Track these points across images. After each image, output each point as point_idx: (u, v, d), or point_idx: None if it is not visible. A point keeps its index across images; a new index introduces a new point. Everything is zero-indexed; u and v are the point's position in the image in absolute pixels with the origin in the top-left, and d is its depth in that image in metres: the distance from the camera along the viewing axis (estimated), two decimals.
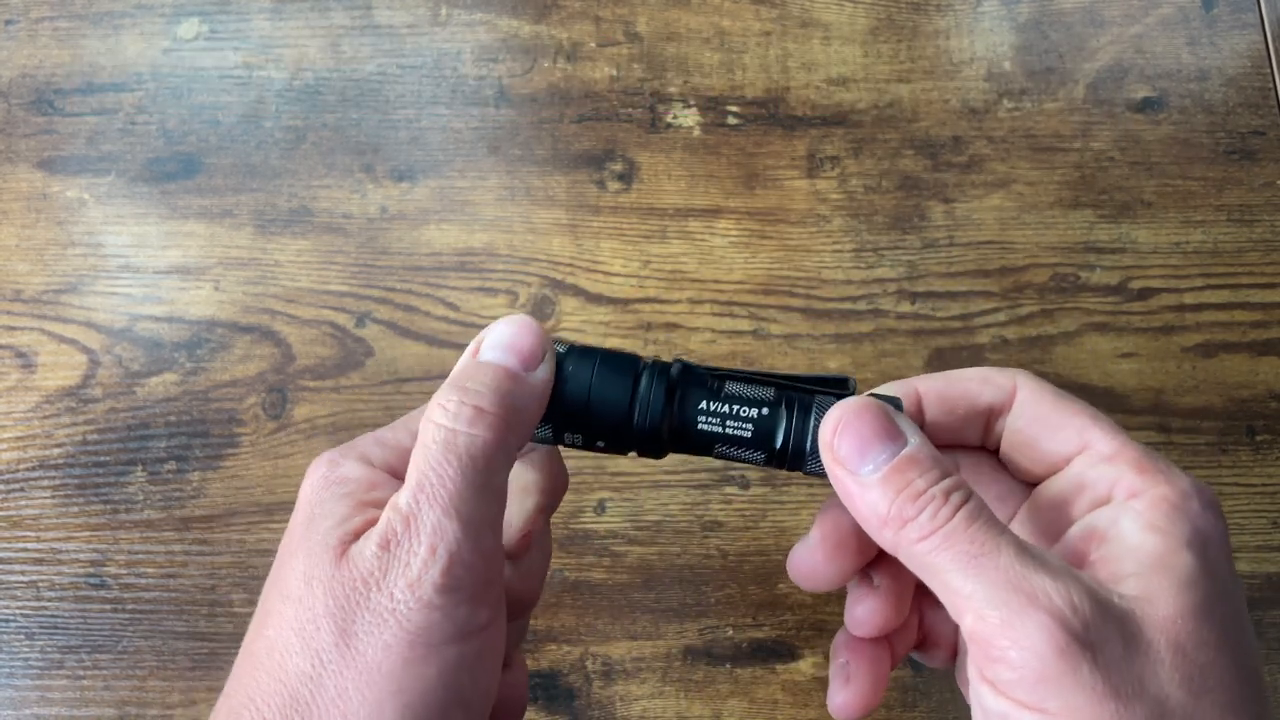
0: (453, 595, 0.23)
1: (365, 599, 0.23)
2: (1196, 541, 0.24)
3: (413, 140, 0.53)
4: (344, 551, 0.24)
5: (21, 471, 0.48)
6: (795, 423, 0.27)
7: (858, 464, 0.25)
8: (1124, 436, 0.27)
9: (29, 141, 0.53)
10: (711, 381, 0.28)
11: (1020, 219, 0.52)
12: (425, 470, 0.24)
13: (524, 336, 0.26)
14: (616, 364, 0.27)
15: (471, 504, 0.23)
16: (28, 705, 0.45)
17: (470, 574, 0.23)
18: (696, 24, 0.55)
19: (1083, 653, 0.22)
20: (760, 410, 0.27)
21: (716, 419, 0.27)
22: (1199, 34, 0.55)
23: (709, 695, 0.45)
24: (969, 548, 0.23)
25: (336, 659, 0.23)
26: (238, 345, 0.49)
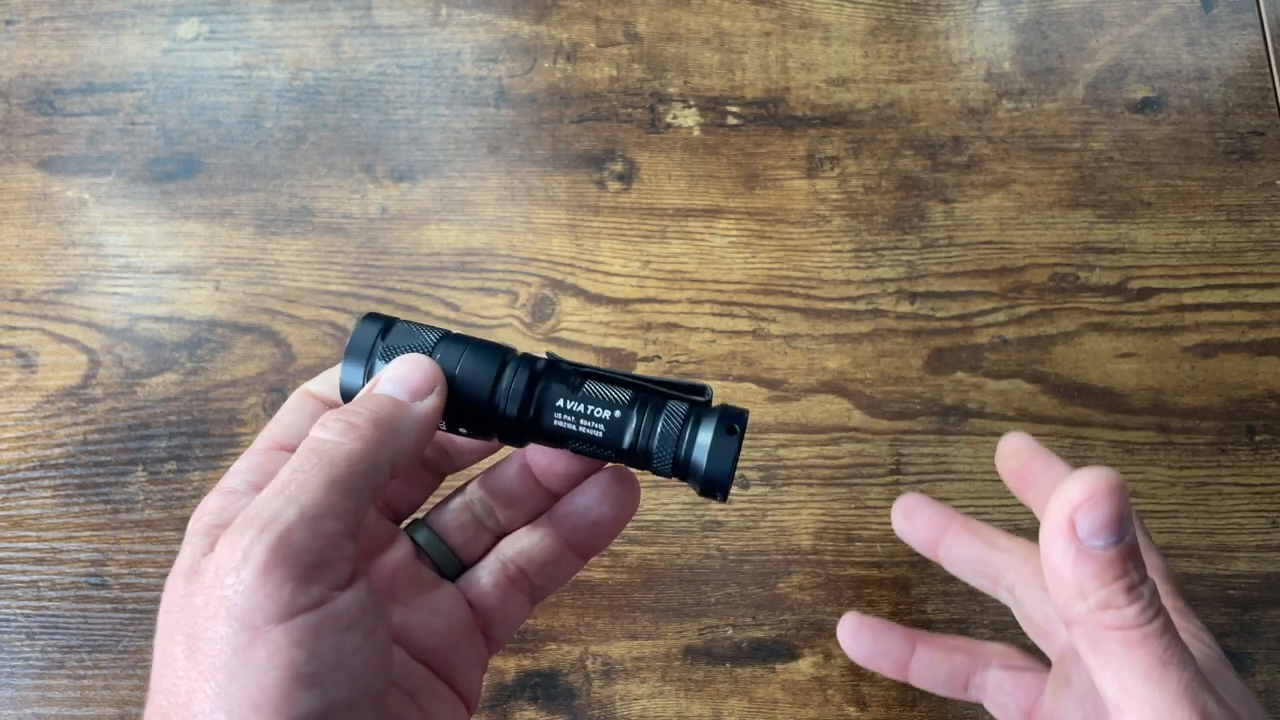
0: (274, 573, 0.23)
1: (205, 600, 0.24)
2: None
3: (413, 140, 0.53)
4: (195, 567, 0.25)
5: (22, 471, 0.48)
6: (644, 424, 0.28)
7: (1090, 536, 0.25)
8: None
9: (29, 141, 0.53)
10: (574, 379, 0.29)
11: (1020, 219, 0.52)
12: (284, 472, 0.25)
13: (414, 373, 0.28)
14: (484, 353, 0.29)
15: (318, 495, 0.24)
16: (28, 705, 0.45)
17: (299, 553, 0.23)
18: (696, 24, 0.55)
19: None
20: (613, 412, 0.28)
21: (571, 417, 0.29)
22: (1198, 34, 0.55)
23: (709, 695, 0.45)
24: (1160, 654, 0.24)
25: (185, 666, 0.23)
26: (238, 345, 0.49)
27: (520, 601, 0.33)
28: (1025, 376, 0.49)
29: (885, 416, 0.48)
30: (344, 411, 0.27)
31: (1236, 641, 0.45)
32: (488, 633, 0.32)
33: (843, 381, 0.49)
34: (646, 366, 0.49)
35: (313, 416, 0.30)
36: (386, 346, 0.29)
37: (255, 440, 0.30)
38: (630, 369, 0.49)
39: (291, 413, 0.31)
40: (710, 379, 0.49)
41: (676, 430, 0.28)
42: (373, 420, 0.26)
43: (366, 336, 0.29)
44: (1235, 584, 0.46)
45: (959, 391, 0.49)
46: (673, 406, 0.29)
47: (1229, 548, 0.47)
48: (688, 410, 0.29)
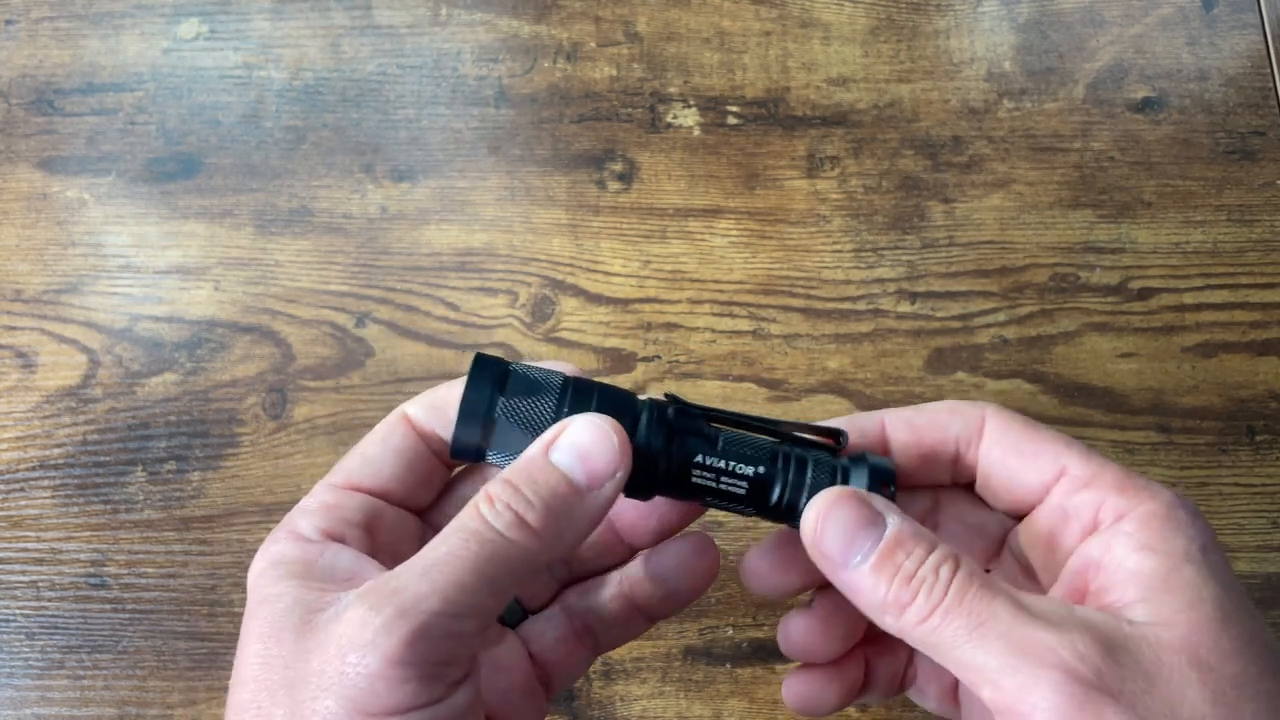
0: (402, 668, 0.22)
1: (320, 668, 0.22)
2: (1194, 552, 0.24)
3: (413, 140, 0.53)
4: (309, 623, 0.23)
5: (22, 471, 0.48)
6: (791, 481, 0.27)
7: (845, 556, 0.25)
8: (1099, 458, 0.27)
9: (29, 141, 0.53)
10: (708, 428, 0.27)
11: (1020, 219, 0.52)
12: (440, 549, 0.23)
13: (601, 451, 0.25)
14: (616, 402, 0.26)
15: (467, 592, 0.23)
16: (28, 705, 0.45)
17: (431, 651, 0.22)
18: (696, 24, 0.55)
19: (1103, 699, 0.21)
20: (757, 469, 0.27)
21: (711, 474, 0.27)
22: (1199, 34, 0.55)
23: (709, 695, 0.45)
24: (968, 620, 0.23)
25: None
26: (238, 345, 0.49)
27: (583, 656, 0.31)
28: (1026, 376, 0.49)
29: None
30: (514, 493, 0.24)
31: None
32: (547, 684, 0.31)
33: (843, 381, 0.49)
34: (646, 366, 0.49)
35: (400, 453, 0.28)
36: (507, 404, 0.26)
37: (332, 473, 0.28)
38: (631, 369, 0.49)
39: (379, 445, 0.28)
40: (710, 379, 0.49)
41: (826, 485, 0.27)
42: (546, 512, 0.24)
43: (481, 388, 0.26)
44: None
45: (959, 392, 0.49)
46: (818, 459, 0.27)
47: (1229, 548, 0.47)
48: (833, 465, 0.27)
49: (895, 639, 0.31)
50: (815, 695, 0.30)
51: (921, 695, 0.32)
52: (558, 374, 0.27)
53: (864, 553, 0.24)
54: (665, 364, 0.49)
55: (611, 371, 0.49)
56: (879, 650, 0.31)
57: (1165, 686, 0.22)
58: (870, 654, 0.31)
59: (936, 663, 0.30)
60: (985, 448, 0.28)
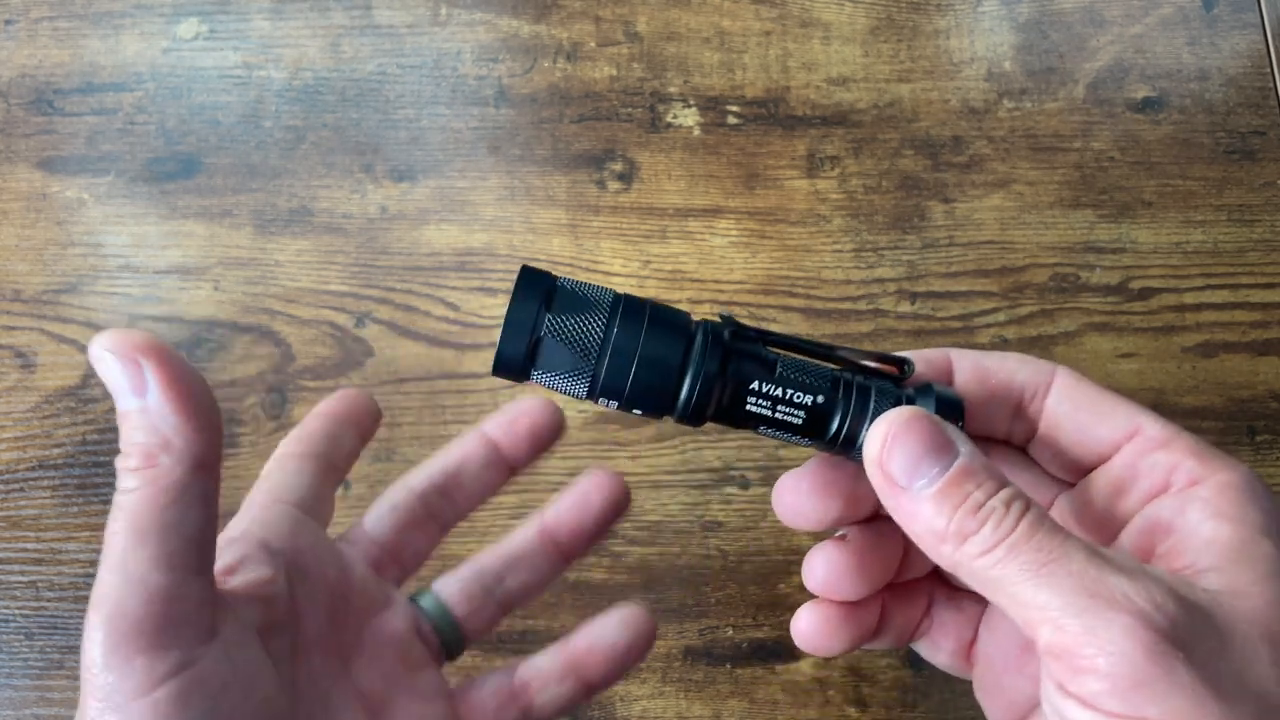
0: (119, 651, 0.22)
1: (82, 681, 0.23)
2: (1272, 527, 0.23)
3: (413, 140, 0.53)
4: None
5: (21, 471, 0.48)
6: (852, 411, 0.25)
7: (910, 479, 0.23)
8: (1175, 425, 0.26)
9: (29, 141, 0.53)
10: (767, 351, 0.26)
11: (1020, 219, 0.52)
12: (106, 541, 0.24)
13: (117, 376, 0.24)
14: (667, 326, 0.25)
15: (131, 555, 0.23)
16: (27, 705, 0.44)
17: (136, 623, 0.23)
18: (696, 24, 0.55)
19: (1175, 652, 0.20)
20: (815, 398, 0.25)
21: (768, 402, 0.25)
22: (1199, 34, 0.55)
23: (709, 695, 0.45)
24: (1037, 556, 0.22)
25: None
26: (238, 345, 0.49)
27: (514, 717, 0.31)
28: None
29: None
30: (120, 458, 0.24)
31: None
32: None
33: None
34: None
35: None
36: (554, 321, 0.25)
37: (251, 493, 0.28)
38: None
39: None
40: None
41: None
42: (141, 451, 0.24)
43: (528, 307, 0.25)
44: None
45: None
46: (881, 387, 0.26)
47: None
48: (899, 394, 0.26)
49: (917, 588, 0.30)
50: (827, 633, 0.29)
51: (934, 648, 0.31)
52: (608, 291, 0.26)
53: (930, 477, 0.23)
54: None
55: None
56: (899, 598, 0.30)
57: (1235, 654, 0.21)
58: (889, 600, 0.30)
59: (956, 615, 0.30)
60: (1053, 401, 0.27)
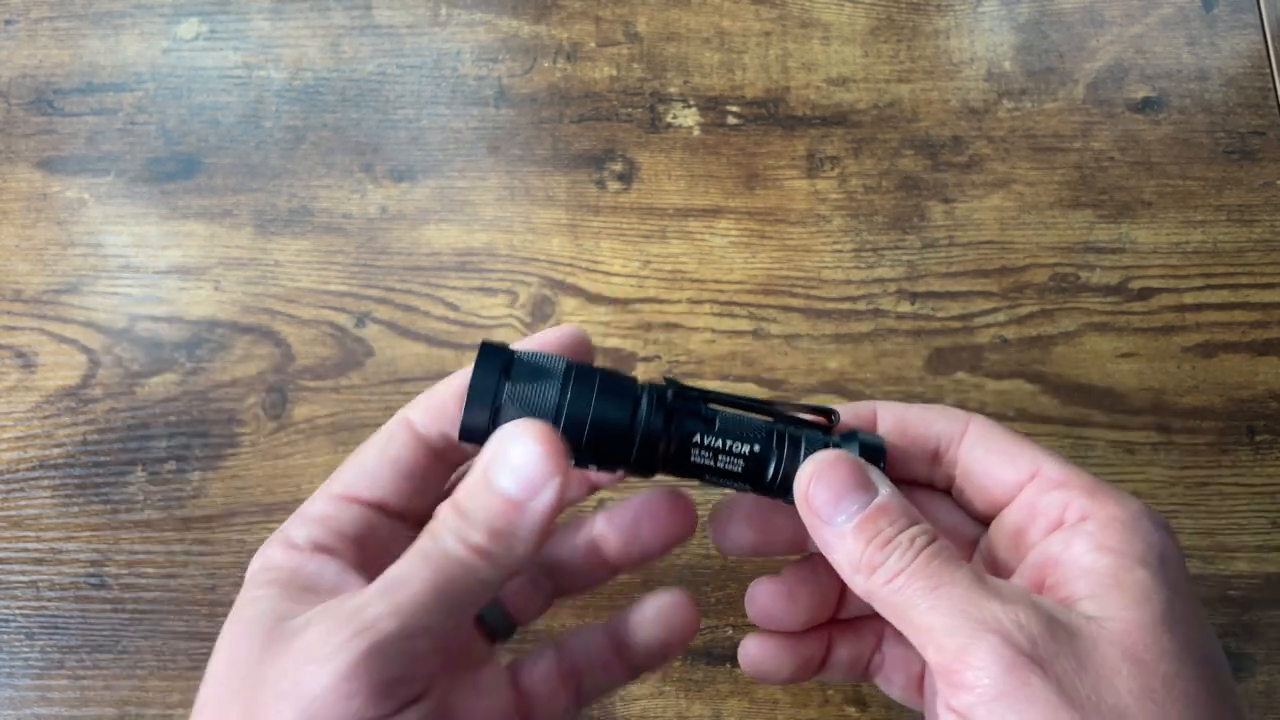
0: (354, 681, 0.23)
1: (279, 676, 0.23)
2: (1150, 558, 0.25)
3: (413, 140, 0.53)
4: (278, 631, 0.24)
5: (21, 471, 0.48)
6: (785, 458, 0.28)
7: (832, 514, 0.26)
8: (1075, 466, 0.28)
9: (29, 141, 0.53)
10: (705, 409, 0.29)
11: (1020, 219, 0.52)
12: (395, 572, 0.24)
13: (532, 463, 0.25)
14: (617, 390, 0.28)
15: (422, 612, 0.24)
16: (28, 705, 0.45)
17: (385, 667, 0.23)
18: (696, 24, 0.55)
19: (1031, 666, 0.23)
20: (752, 447, 0.28)
21: (709, 453, 0.28)
22: (1199, 34, 0.55)
23: (709, 695, 0.45)
24: (928, 582, 0.24)
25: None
26: (238, 345, 0.49)
27: (566, 702, 0.32)
28: (1026, 377, 0.49)
29: None
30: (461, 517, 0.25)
31: (1236, 642, 0.45)
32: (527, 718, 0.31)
33: (843, 382, 0.49)
34: (646, 366, 0.49)
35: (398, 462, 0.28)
36: (513, 390, 0.27)
37: (332, 480, 0.28)
38: (630, 369, 0.49)
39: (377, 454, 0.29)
40: (710, 379, 0.49)
41: None
42: (489, 534, 0.25)
43: (488, 375, 0.27)
44: (1235, 584, 0.46)
45: (960, 392, 0.49)
46: (811, 437, 0.29)
47: (1229, 548, 0.47)
48: (825, 441, 0.29)
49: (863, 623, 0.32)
50: (770, 661, 0.31)
51: (888, 683, 0.33)
52: (561, 360, 0.28)
53: (850, 513, 0.26)
54: (665, 364, 0.49)
55: None
56: (844, 632, 0.32)
57: (1095, 672, 0.23)
58: (835, 634, 0.32)
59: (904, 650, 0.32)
60: (966, 446, 0.30)
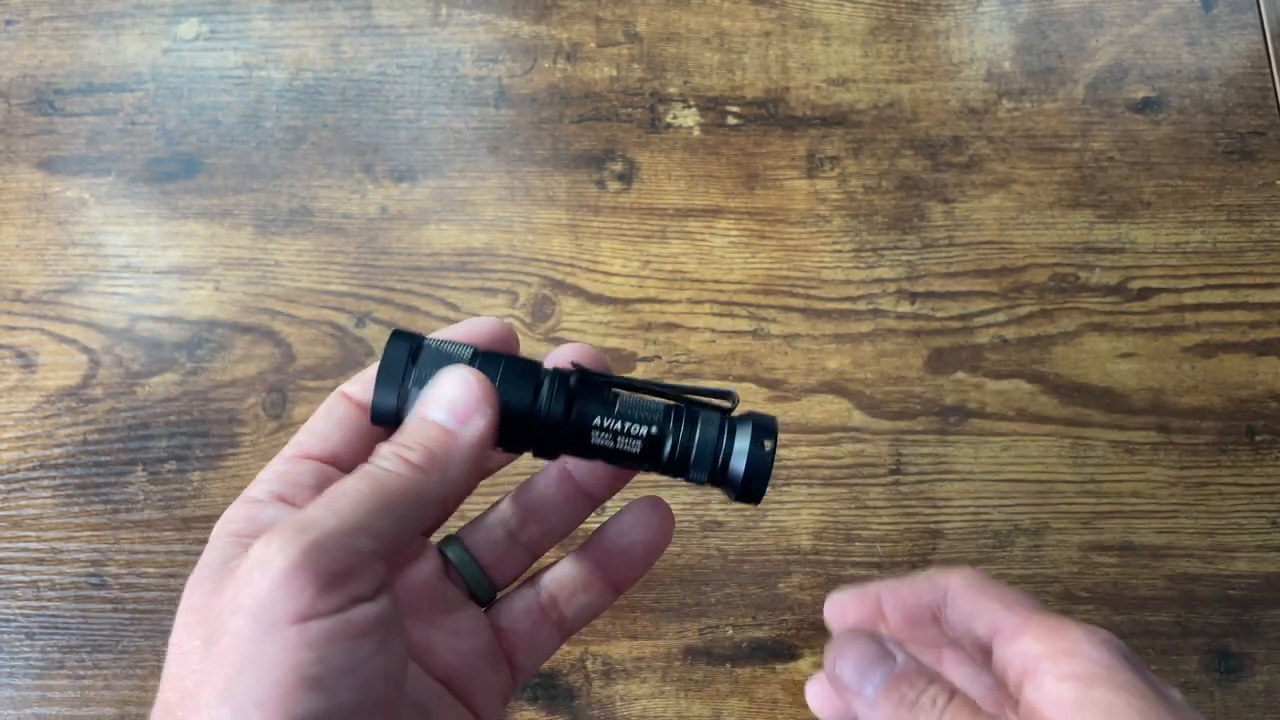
0: (299, 574, 0.23)
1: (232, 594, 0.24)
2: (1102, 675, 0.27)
3: (413, 140, 0.53)
4: (228, 567, 0.25)
5: (22, 471, 0.48)
6: (681, 437, 0.29)
7: (860, 686, 0.29)
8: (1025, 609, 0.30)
9: (29, 141, 0.53)
10: (607, 393, 0.30)
11: (1020, 219, 0.52)
12: (339, 487, 0.26)
13: (461, 394, 0.28)
14: (519, 372, 0.29)
15: (360, 514, 0.25)
16: (28, 705, 0.45)
17: (328, 561, 0.24)
18: (696, 24, 0.55)
19: None
20: (650, 429, 0.29)
21: (608, 435, 0.29)
22: (1199, 34, 0.55)
23: (709, 695, 0.45)
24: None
25: (199, 659, 0.24)
26: (238, 345, 0.49)
27: (549, 633, 0.33)
28: (1025, 376, 0.49)
29: (885, 416, 0.48)
30: (397, 445, 0.27)
31: (1236, 642, 0.45)
32: (513, 661, 0.33)
33: (843, 381, 0.49)
34: (646, 366, 0.49)
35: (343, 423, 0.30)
36: (419, 373, 0.29)
37: (285, 448, 0.30)
38: (630, 370, 0.49)
39: (322, 420, 0.31)
40: (710, 379, 0.49)
41: (713, 441, 0.29)
42: (425, 455, 0.27)
43: (397, 359, 0.29)
44: (1235, 584, 0.46)
45: (959, 391, 0.49)
46: (707, 416, 0.30)
47: (1229, 548, 0.47)
48: (721, 420, 0.30)
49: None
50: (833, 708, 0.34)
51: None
52: (468, 348, 0.29)
53: (875, 683, 0.29)
54: (665, 364, 0.49)
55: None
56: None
57: None
58: None
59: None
60: (949, 609, 0.32)
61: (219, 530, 0.27)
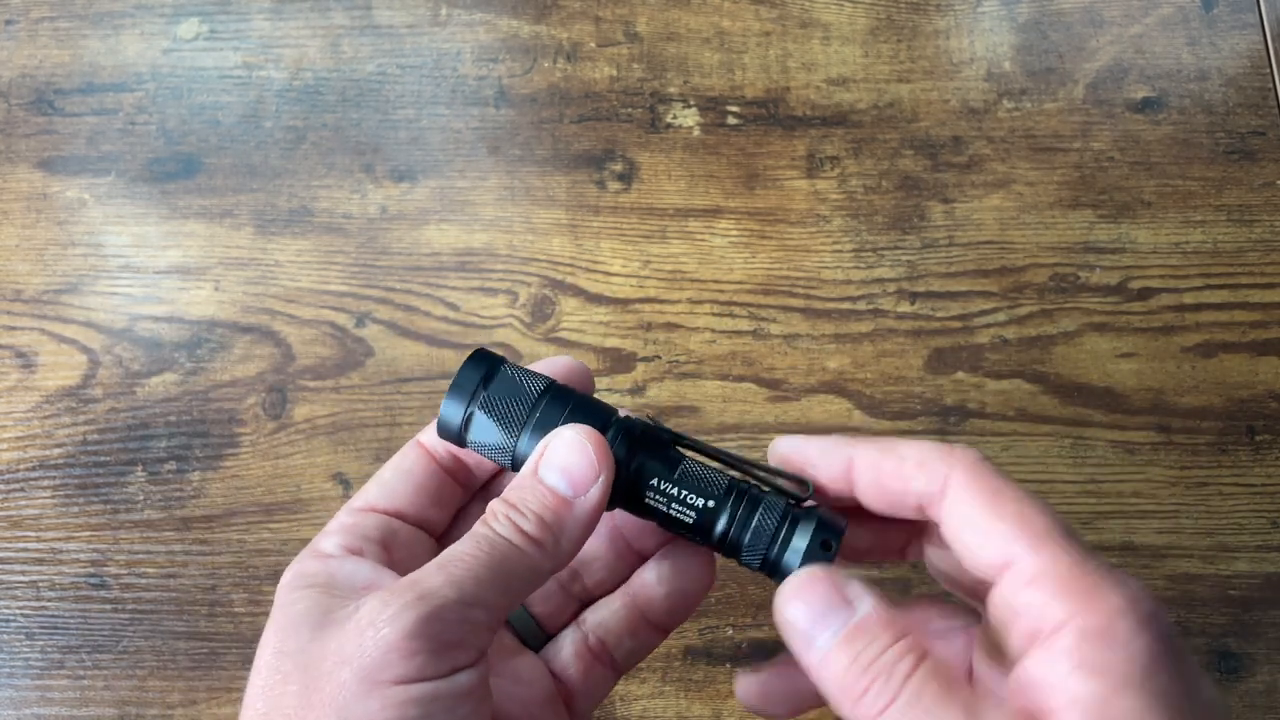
0: (414, 641, 0.24)
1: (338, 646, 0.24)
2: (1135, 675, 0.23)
3: (413, 140, 0.53)
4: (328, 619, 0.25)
5: (22, 471, 0.48)
6: (739, 518, 0.28)
7: (814, 634, 0.25)
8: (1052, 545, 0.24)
9: (29, 141, 0.53)
10: (672, 451, 0.28)
11: (1020, 219, 0.52)
12: (454, 551, 0.25)
13: (580, 463, 0.27)
14: (588, 413, 0.28)
15: (478, 585, 0.25)
16: (28, 705, 0.45)
17: (443, 631, 0.24)
18: (696, 24, 0.55)
19: None
20: (707, 502, 0.28)
21: (664, 499, 0.28)
22: (1199, 34, 0.55)
23: (709, 695, 0.45)
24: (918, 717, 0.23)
25: (296, 703, 0.24)
26: (238, 345, 0.49)
27: (603, 675, 0.32)
28: (1025, 376, 0.49)
29: (885, 416, 0.48)
30: (512, 509, 0.26)
31: (1237, 641, 0.45)
32: (570, 705, 0.32)
33: (843, 381, 0.49)
34: (646, 366, 0.49)
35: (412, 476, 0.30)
36: (488, 397, 0.28)
37: (353, 498, 0.30)
38: (630, 369, 0.49)
39: (393, 470, 0.30)
40: (710, 379, 0.49)
41: (771, 530, 0.27)
42: (540, 523, 0.26)
43: (470, 379, 0.29)
44: (1235, 584, 0.46)
45: (959, 391, 0.49)
46: (770, 502, 0.28)
47: (1229, 548, 0.47)
48: (785, 509, 0.28)
49: None
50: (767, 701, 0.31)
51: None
52: (544, 379, 0.29)
53: (831, 633, 0.25)
54: (665, 364, 0.49)
55: (611, 372, 0.49)
56: None
57: None
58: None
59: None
60: (946, 513, 0.27)
61: (295, 581, 0.27)
